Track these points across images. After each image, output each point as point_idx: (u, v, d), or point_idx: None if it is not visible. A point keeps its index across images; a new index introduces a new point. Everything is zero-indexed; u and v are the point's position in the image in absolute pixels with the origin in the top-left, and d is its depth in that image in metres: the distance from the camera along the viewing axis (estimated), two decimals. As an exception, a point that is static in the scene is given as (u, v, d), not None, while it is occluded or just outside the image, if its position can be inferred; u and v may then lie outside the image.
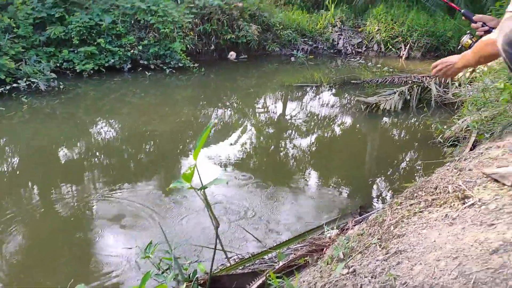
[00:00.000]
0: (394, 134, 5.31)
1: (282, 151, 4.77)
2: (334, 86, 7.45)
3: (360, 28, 10.20)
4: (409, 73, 7.59)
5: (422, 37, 9.44)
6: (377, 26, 9.85)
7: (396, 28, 9.70)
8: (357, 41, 9.99)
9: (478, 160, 1.71)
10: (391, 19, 9.80)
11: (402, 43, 9.60)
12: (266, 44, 9.34)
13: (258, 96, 7.15)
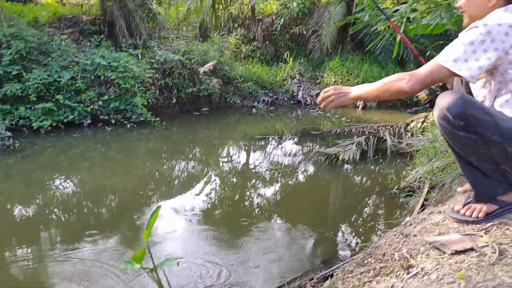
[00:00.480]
0: (353, 185, 5.42)
1: (245, 202, 4.77)
2: (296, 137, 7.62)
3: (318, 80, 10.63)
4: (366, 123, 7.88)
5: (376, 88, 9.90)
6: (333, 78, 10.30)
7: (351, 79, 10.17)
8: (316, 92, 10.36)
9: (422, 226, 1.78)
10: (347, 71, 10.30)
11: (358, 94, 10.02)
12: (227, 96, 9.54)
13: (221, 148, 7.20)
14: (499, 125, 1.57)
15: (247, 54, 11.39)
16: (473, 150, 1.64)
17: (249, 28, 12.19)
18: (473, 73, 1.58)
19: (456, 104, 1.57)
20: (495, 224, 1.62)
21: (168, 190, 5.02)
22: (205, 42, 10.28)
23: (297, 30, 12.06)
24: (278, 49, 12.04)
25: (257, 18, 12.28)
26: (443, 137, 1.75)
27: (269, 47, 11.96)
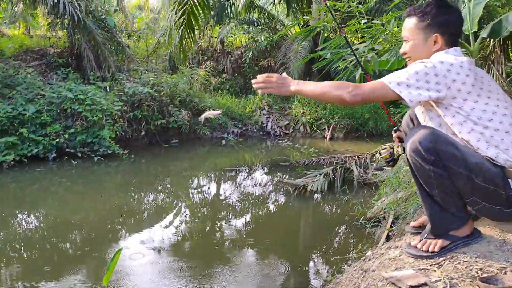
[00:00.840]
0: (321, 217, 5.49)
1: (216, 234, 4.74)
2: (265, 168, 7.68)
3: (286, 111, 10.84)
4: (333, 153, 8.05)
5: (343, 119, 10.19)
6: (302, 109, 10.53)
7: (319, 111, 10.44)
8: (285, 123, 10.55)
9: (380, 261, 1.84)
10: (314, 103, 10.56)
11: (325, 125, 10.28)
12: (197, 128, 9.57)
13: (191, 179, 7.17)
14: (467, 159, 1.68)
15: (216, 86, 11.54)
16: (439, 184, 1.72)
17: (219, 60, 12.41)
18: (412, 98, 1.69)
19: (428, 139, 1.67)
20: (447, 258, 1.70)
21: (136, 224, 4.94)
22: (174, 74, 10.36)
23: (266, 63, 12.34)
24: (247, 81, 12.26)
25: (226, 51, 12.53)
26: (410, 169, 1.83)
27: (238, 79, 12.18)
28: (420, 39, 1.85)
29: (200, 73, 11.04)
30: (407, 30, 1.90)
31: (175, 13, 5.13)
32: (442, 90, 1.70)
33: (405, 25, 1.92)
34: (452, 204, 1.76)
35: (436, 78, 1.70)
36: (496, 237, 1.81)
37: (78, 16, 8.22)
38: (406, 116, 2.13)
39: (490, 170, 1.69)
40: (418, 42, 1.86)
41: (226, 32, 11.97)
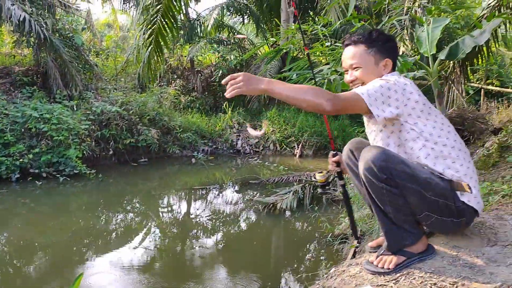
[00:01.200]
0: (291, 234, 5.52)
1: (186, 253, 4.70)
2: (236, 186, 7.68)
3: (256, 129, 10.92)
4: (303, 171, 8.15)
5: (312, 137, 10.35)
6: (271, 127, 10.64)
7: (288, 129, 10.58)
8: (255, 141, 10.62)
9: (341, 278, 1.89)
10: (284, 121, 10.71)
11: (295, 143, 10.41)
12: (166, 146, 9.51)
13: (160, 198, 7.09)
14: (417, 175, 1.77)
15: (186, 104, 11.53)
16: (392, 200, 1.79)
17: (188, 79, 12.43)
18: (379, 114, 1.76)
19: (380, 158, 1.74)
20: (404, 274, 1.77)
21: (104, 245, 4.84)
22: (144, 93, 10.31)
23: (236, 81, 12.43)
24: (217, 100, 12.33)
25: (196, 70, 12.58)
26: (365, 187, 1.87)
27: (208, 97, 12.22)
28: (372, 64, 1.95)
29: (169, 92, 11.03)
30: (356, 58, 1.95)
31: (143, 34, 5.15)
32: (401, 107, 1.81)
33: (353, 53, 1.96)
34: (405, 221, 1.84)
35: (396, 95, 1.80)
36: (449, 252, 1.90)
37: (44, 34, 8.09)
38: (347, 149, 2.17)
39: (439, 184, 1.79)
40: (370, 67, 1.95)
41: (196, 51, 12.04)
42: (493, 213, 2.34)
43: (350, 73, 1.99)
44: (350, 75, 1.98)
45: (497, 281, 1.70)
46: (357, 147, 2.09)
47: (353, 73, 1.97)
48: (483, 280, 1.72)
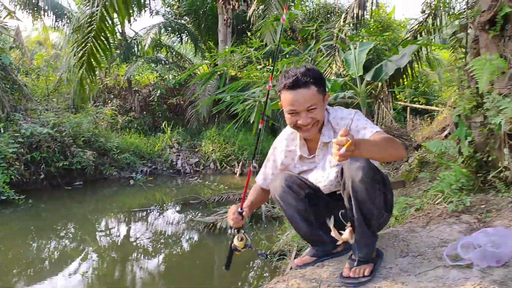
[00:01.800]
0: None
1: (126, 277, 4.57)
2: (176, 206, 7.60)
3: (196, 149, 10.91)
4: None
5: (252, 156, 10.50)
6: (211, 146, 10.69)
7: (228, 147, 10.67)
8: (195, 160, 10.60)
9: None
10: (223, 140, 10.79)
11: (235, 161, 10.51)
12: (103, 168, 9.22)
13: (97, 222, 6.84)
14: (386, 178, 2.09)
15: (124, 124, 11.29)
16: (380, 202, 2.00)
17: (126, 99, 12.21)
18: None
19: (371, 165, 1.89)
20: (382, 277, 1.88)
21: (36, 274, 4.59)
22: (78, 113, 9.96)
23: (175, 101, 12.40)
24: (156, 119, 12.18)
25: (134, 89, 12.39)
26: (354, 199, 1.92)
27: (146, 117, 12.05)
28: (322, 102, 2.00)
29: (106, 112, 10.75)
30: (313, 99, 1.94)
31: (74, 55, 5.04)
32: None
33: (308, 96, 1.92)
34: (377, 226, 2.05)
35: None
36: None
37: (-33, 53, 7.65)
38: (282, 185, 2.10)
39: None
40: (322, 105, 2.00)
41: (133, 71, 11.89)
42: (406, 226, 2.54)
43: (304, 115, 1.94)
44: (306, 116, 1.95)
45: (409, 290, 1.86)
46: (293, 182, 2.11)
47: (309, 114, 1.94)
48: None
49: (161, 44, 13.12)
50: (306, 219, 2.13)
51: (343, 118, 2.05)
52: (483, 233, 2.00)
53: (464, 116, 2.68)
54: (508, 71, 2.46)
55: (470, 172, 2.76)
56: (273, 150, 2.29)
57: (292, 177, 2.12)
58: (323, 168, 2.12)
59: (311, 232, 2.19)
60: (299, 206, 2.08)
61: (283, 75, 1.99)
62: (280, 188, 2.08)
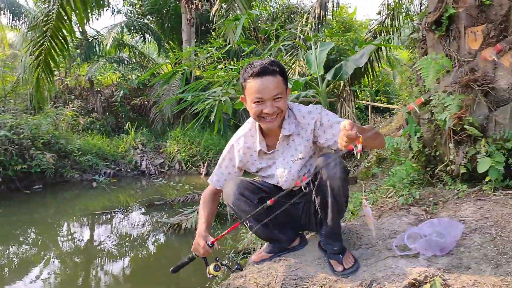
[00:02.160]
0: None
1: (91, 282, 4.48)
2: (141, 208, 7.50)
3: (161, 149, 10.80)
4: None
5: (218, 155, 10.48)
6: (176, 147, 10.60)
7: (194, 148, 10.62)
8: (160, 161, 10.49)
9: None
10: (189, 140, 10.73)
11: (201, 161, 10.47)
12: (64, 171, 8.98)
13: (59, 226, 6.65)
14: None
15: (85, 126, 11.03)
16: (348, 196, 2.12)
17: (87, 99, 11.94)
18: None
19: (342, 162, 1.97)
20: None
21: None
22: (37, 115, 9.65)
23: (138, 101, 12.22)
24: (119, 120, 11.98)
25: (96, 90, 12.12)
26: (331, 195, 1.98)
27: (109, 118, 11.82)
28: (285, 94, 2.00)
29: (66, 113, 10.47)
30: (279, 88, 1.93)
31: (30, 54, 4.90)
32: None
33: (275, 84, 1.91)
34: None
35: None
36: (318, 253, 2.12)
37: None
38: (236, 193, 2.10)
39: None
40: (285, 97, 1.99)
41: (94, 71, 11.62)
42: (360, 219, 2.64)
43: (270, 103, 1.92)
44: (271, 106, 1.93)
45: (358, 280, 1.94)
46: (246, 188, 2.12)
47: (274, 104, 1.93)
48: (346, 280, 1.96)
49: (123, 43, 12.91)
50: (260, 221, 2.10)
51: (311, 112, 2.06)
52: (428, 224, 2.10)
53: (414, 113, 2.80)
54: (453, 70, 2.60)
55: (420, 166, 2.89)
56: (229, 149, 2.25)
57: (244, 182, 2.11)
58: (283, 163, 2.12)
59: (267, 233, 2.23)
60: (252, 211, 2.03)
61: (247, 66, 1.97)
62: (232, 195, 2.08)
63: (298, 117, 2.07)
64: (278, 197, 1.85)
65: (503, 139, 2.43)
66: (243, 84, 1.99)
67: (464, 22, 2.67)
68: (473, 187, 2.60)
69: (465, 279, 1.82)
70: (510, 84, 2.53)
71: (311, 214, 2.24)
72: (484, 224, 2.21)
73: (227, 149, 2.27)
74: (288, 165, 2.10)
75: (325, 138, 2.01)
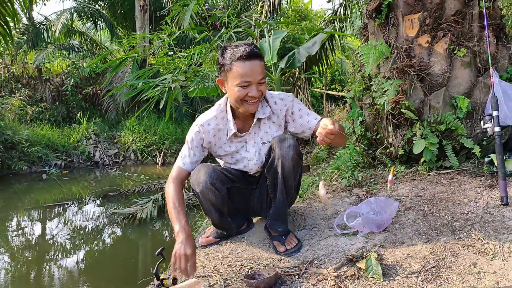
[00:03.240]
0: (149, 243, 5.50)
1: (44, 278, 4.35)
2: (96, 199, 7.34)
3: (115, 139, 10.55)
4: (165, 179, 8.11)
5: (174, 144, 10.40)
6: (131, 136, 10.39)
7: (149, 137, 10.44)
8: (114, 151, 10.25)
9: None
10: (144, 130, 10.54)
11: (157, 151, 10.33)
12: (11, 163, 8.61)
13: (7, 221, 6.38)
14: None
15: (34, 116, 10.57)
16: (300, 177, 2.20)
17: (36, 88, 11.42)
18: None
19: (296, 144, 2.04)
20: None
21: None
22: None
23: (90, 90, 11.84)
24: (70, 110, 11.55)
25: (45, 78, 11.61)
26: (282, 176, 2.03)
27: (60, 107, 11.37)
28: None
29: (13, 103, 9.99)
30: (263, 72, 1.91)
31: (-33, 40, 4.62)
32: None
33: (261, 67, 1.90)
34: (290, 202, 2.29)
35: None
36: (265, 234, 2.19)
37: None
38: (206, 181, 2.05)
39: None
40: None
41: (43, 58, 11.11)
42: (306, 202, 2.72)
43: (255, 87, 1.90)
44: (256, 89, 1.91)
45: (300, 259, 2.02)
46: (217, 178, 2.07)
47: (258, 87, 1.91)
48: (289, 259, 2.02)
49: (74, 30, 12.41)
50: (220, 210, 2.16)
51: (283, 98, 2.10)
52: (366, 203, 2.20)
53: (356, 98, 2.90)
54: (391, 56, 2.71)
55: (363, 149, 3.01)
56: (198, 128, 2.09)
57: (217, 172, 2.06)
58: (254, 145, 2.13)
59: (221, 220, 2.23)
60: (218, 202, 2.08)
61: (230, 47, 1.91)
62: (203, 183, 2.02)
63: (270, 102, 2.10)
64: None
65: (437, 122, 2.57)
66: (227, 66, 1.90)
67: (402, 10, 2.78)
68: (410, 168, 2.74)
69: (398, 253, 1.93)
70: (443, 70, 2.67)
71: (263, 199, 2.28)
72: (418, 202, 2.35)
73: (195, 129, 2.10)
74: (258, 147, 2.13)
75: (293, 126, 2.12)
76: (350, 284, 1.73)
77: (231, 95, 1.95)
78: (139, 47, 9.07)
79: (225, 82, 1.96)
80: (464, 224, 2.10)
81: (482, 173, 2.64)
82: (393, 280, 1.73)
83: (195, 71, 3.98)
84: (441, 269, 1.76)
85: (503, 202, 2.20)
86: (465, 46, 2.70)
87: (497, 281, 1.63)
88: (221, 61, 1.93)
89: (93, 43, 12.84)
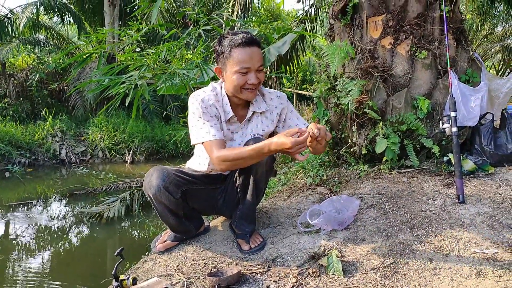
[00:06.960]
0: (116, 242, 5.41)
1: (6, 280, 4.21)
2: (62, 198, 7.15)
3: (83, 137, 10.30)
4: (134, 177, 8.02)
5: (143, 142, 10.24)
6: (99, 134, 10.17)
7: (118, 135, 10.24)
8: (81, 149, 10.01)
9: (136, 274, 1.99)
10: (113, 127, 10.33)
11: (126, 149, 10.15)
12: (-29, 161, 8.29)
13: (-33, 221, 6.15)
14: None
15: (-6, 112, 10.20)
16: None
17: (-1, 84, 11.02)
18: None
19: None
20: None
21: None
22: None
23: (57, 86, 11.51)
24: (35, 106, 11.20)
25: (8, 73, 11.22)
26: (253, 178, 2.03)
27: (24, 103, 11.00)
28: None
29: (-26, 98, 9.62)
30: (260, 60, 1.89)
31: None
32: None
33: (260, 54, 1.89)
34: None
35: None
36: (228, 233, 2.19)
37: None
38: (159, 186, 1.99)
39: None
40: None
41: (6, 53, 10.72)
42: (271, 200, 2.75)
43: (254, 74, 1.88)
44: (255, 76, 1.89)
45: (263, 256, 2.03)
46: (171, 182, 2.01)
47: (257, 75, 1.90)
48: (253, 257, 2.03)
49: (39, 24, 12.04)
50: (176, 213, 2.11)
51: (280, 97, 2.13)
52: (328, 201, 2.24)
53: (322, 97, 2.94)
54: (356, 57, 2.76)
55: (328, 148, 3.06)
56: (201, 102, 1.97)
57: (170, 175, 2.00)
58: (242, 136, 2.09)
59: (178, 224, 2.18)
60: (172, 205, 2.04)
61: (229, 35, 1.91)
62: (156, 187, 1.96)
63: (267, 97, 2.10)
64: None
65: (399, 122, 2.64)
66: (226, 53, 1.88)
67: (367, 12, 2.84)
68: (373, 167, 2.80)
69: (359, 250, 1.97)
70: (405, 71, 2.75)
71: (230, 198, 2.24)
72: (379, 200, 2.41)
73: (198, 103, 1.97)
74: (246, 139, 2.06)
75: (282, 126, 2.15)
76: (311, 281, 1.76)
77: (230, 83, 1.93)
78: (107, 42, 8.89)
79: (223, 70, 1.94)
80: (422, 222, 2.17)
81: (441, 172, 2.73)
82: (353, 276, 1.77)
83: (162, 68, 3.93)
84: (399, 265, 1.81)
85: (460, 200, 2.28)
86: (426, 48, 2.78)
87: (452, 276, 1.69)
88: (219, 48, 1.92)
89: (59, 38, 12.50)
